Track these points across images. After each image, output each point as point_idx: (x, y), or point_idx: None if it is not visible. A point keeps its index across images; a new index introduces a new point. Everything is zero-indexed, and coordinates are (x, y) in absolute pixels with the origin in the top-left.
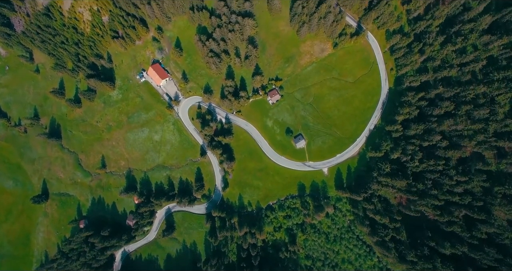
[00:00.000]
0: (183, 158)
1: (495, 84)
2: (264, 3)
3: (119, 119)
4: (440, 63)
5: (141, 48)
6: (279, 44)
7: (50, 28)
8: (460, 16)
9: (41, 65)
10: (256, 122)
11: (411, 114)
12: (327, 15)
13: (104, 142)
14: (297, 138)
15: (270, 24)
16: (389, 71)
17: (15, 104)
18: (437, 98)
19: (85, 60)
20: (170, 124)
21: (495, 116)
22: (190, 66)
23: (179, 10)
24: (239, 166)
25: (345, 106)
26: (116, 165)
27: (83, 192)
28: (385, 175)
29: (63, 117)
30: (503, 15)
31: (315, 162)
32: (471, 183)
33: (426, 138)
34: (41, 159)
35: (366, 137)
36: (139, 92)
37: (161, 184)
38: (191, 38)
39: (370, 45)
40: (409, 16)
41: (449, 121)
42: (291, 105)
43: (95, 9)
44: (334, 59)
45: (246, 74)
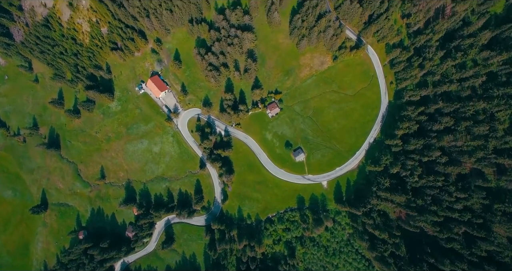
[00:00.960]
0: (183, 170)
1: (495, 101)
2: (264, 16)
3: (118, 131)
4: (440, 78)
5: (140, 59)
6: (279, 57)
7: (49, 38)
8: (460, 31)
9: (40, 75)
10: (255, 135)
11: (411, 129)
12: (327, 29)
13: (103, 152)
14: (296, 151)
15: (270, 36)
16: (389, 85)
17: (14, 114)
18: (437, 113)
19: (84, 71)
20: (169, 136)
21: (494, 133)
22: (189, 79)
23: (178, 22)
24: (238, 179)
25: (344, 119)
26: (115, 175)
27: (82, 203)
28: (385, 189)
29: (62, 127)
30: (503, 31)
31: (315, 175)
32: (470, 199)
33: (425, 153)
34: (40, 169)
35: (366, 150)
36: (138, 104)
37: (160, 196)
38: (190, 51)
39: (370, 58)
40: (409, 29)
41: (448, 137)
42: (291, 118)
43: (94, 20)
44: (333, 72)
45: (246, 87)
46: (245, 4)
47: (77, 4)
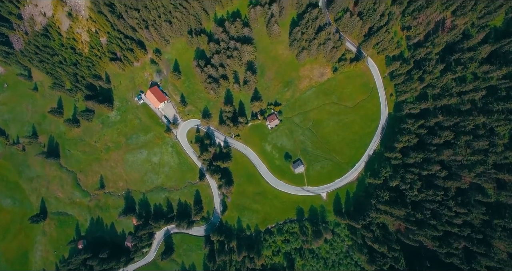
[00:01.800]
0: (182, 180)
1: (495, 116)
2: (263, 27)
3: (117, 140)
4: (440, 91)
5: (139, 69)
6: (278, 68)
7: (48, 48)
8: (460, 44)
9: (39, 83)
10: (254, 146)
11: (411, 142)
12: (327, 42)
13: (102, 162)
14: (295, 163)
15: (269, 48)
16: (389, 97)
17: (13, 122)
18: (436, 126)
19: (83, 81)
20: (169, 146)
21: (494, 148)
22: (188, 89)
23: (177, 33)
24: (237, 189)
25: (344, 131)
26: (114, 185)
27: (82, 212)
28: (384, 202)
29: (62, 136)
30: (502, 45)
31: (314, 186)
32: (470, 215)
33: (425, 166)
34: (40, 178)
35: (365, 162)
36: (138, 114)
37: (159, 206)
38: (189, 61)
39: (369, 70)
40: (409, 41)
41: (448, 151)
42: (290, 130)
43: (93, 30)
44: (333, 84)
45: (245, 98)
46: (244, 15)
47: (76, 14)
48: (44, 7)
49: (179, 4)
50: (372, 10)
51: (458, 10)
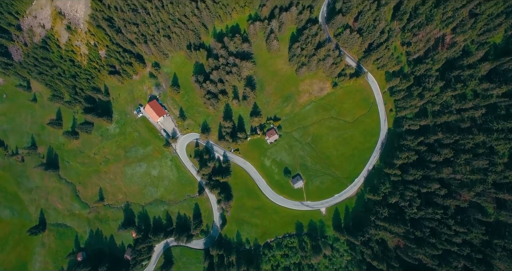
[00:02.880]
0: (181, 194)
1: (495, 135)
2: (263, 41)
3: (116, 153)
4: (440, 108)
5: (138, 83)
6: (278, 83)
7: (47, 60)
8: (460, 60)
9: (38, 94)
10: (254, 161)
11: (410, 159)
12: (326, 58)
13: (101, 174)
14: (295, 178)
15: (269, 62)
16: (389, 112)
17: (12, 133)
18: (436, 143)
19: (82, 93)
20: (168, 160)
21: (494, 167)
22: (187, 103)
23: (176, 47)
24: (237, 203)
25: (343, 146)
26: (114, 197)
27: (81, 224)
28: (383, 219)
29: (61, 147)
30: (502, 63)
31: (313, 201)
32: (470, 234)
33: (424, 184)
34: (39, 189)
35: (365, 177)
36: (137, 127)
37: (159, 219)
38: (188, 75)
39: (369, 85)
40: (409, 57)
41: (447, 170)
42: (290, 145)
43: (92, 43)
44: (333, 99)
45: (244, 113)
46: (243, 30)
47: (75, 27)
48: (43, 19)
49: (178, 20)
50: (372, 27)
51: (457, 28)
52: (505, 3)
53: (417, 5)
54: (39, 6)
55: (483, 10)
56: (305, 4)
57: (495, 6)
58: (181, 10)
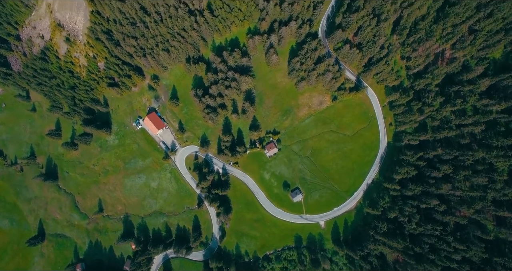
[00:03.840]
0: (181, 206)
1: (494, 152)
2: (262, 54)
3: (116, 164)
4: (439, 124)
5: (137, 94)
6: (277, 96)
7: (46, 71)
8: (460, 75)
9: (37, 104)
10: (253, 174)
11: (409, 174)
12: (326, 73)
13: (101, 185)
14: (294, 192)
15: (268, 75)
16: (388, 126)
17: (11, 142)
18: (436, 158)
19: (81, 104)
20: (167, 172)
21: (494, 185)
22: (186, 116)
23: (175, 60)
24: (236, 216)
25: (343, 160)
26: (113, 209)
27: (80, 235)
28: (382, 234)
29: (60, 157)
30: (501, 79)
31: (312, 215)
32: (469, 252)
33: (424, 199)
34: (38, 199)
35: (364, 191)
36: (136, 139)
37: (158, 230)
38: (187, 88)
39: (369, 99)
40: (409, 71)
41: (447, 186)
42: (289, 158)
43: (91, 55)
44: (332, 112)
45: (243, 126)
46: (243, 43)
47: (74, 39)
48: (42, 30)
49: (177, 33)
50: (371, 42)
51: (457, 43)
52: (504, 20)
53: (417, 20)
54: (38, 17)
55: (482, 27)
56: (304, 18)
57: (494, 23)
58: (180, 24)
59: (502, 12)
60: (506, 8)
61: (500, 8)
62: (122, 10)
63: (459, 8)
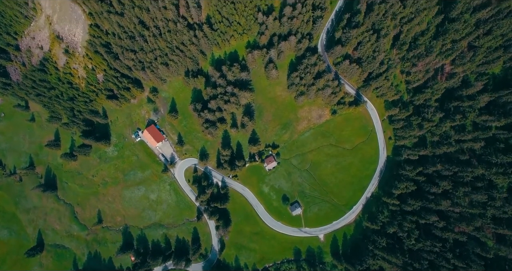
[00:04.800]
0: (180, 218)
1: (494, 169)
2: (261, 68)
3: (115, 176)
4: (439, 139)
5: (136, 107)
6: (276, 110)
7: (45, 82)
8: (459, 90)
9: (36, 114)
10: (252, 187)
11: (409, 189)
12: (325, 88)
13: (100, 196)
14: (293, 206)
15: (267, 89)
16: (387, 140)
17: (10, 152)
18: (435, 173)
19: (80, 116)
20: (166, 184)
21: (493, 202)
22: (185, 129)
23: (174, 73)
24: (235, 228)
25: (342, 173)
26: (112, 220)
27: (79, 245)
28: (381, 248)
29: (59, 167)
30: (500, 96)
31: (311, 228)
32: (469, 269)
33: (423, 215)
34: (37, 209)
35: (363, 204)
36: (135, 151)
37: (157, 242)
38: (186, 100)
39: (368, 113)
40: (409, 86)
41: (446, 202)
42: (288, 171)
43: (90, 67)
44: (332, 126)
45: (243, 139)
46: (242, 56)
47: (73, 51)
48: (41, 41)
49: (176, 47)
50: (371, 58)
51: (457, 59)
52: (503, 37)
53: (417, 35)
54: (37, 28)
55: (482, 43)
56: (304, 32)
57: (493, 39)
58: (179, 38)
59: (501, 29)
60: (505, 25)
61: (499, 25)
62: (121, 24)
63: (459, 25)
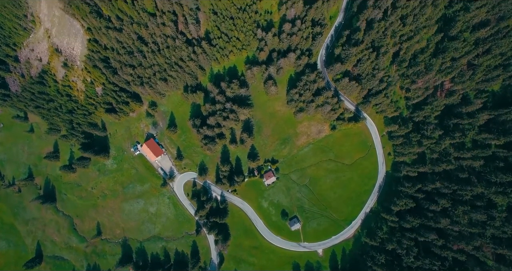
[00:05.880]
0: (179, 231)
1: (493, 188)
2: (261, 83)
3: (114, 189)
4: (438, 156)
5: (135, 120)
6: (276, 125)
7: (44, 94)
8: (459, 107)
9: (35, 125)
10: (251, 201)
11: (408, 206)
12: (325, 105)
13: (99, 208)
14: (292, 221)
15: (267, 104)
16: (387, 156)
17: (9, 163)
18: (434, 191)
19: (79, 128)
20: (166, 198)
21: (493, 222)
22: (184, 143)
23: (173, 88)
24: (234, 242)
25: (341, 189)
26: (111, 232)
27: (78, 257)
28: (380, 265)
29: (58, 179)
30: (500, 114)
31: (310, 243)
32: None
33: (422, 233)
34: (35, 220)
35: (362, 220)
36: (134, 164)
37: (157, 255)
38: (185, 115)
39: (368, 128)
40: (408, 102)
41: (445, 221)
42: (287, 186)
43: (89, 80)
44: (331, 141)
45: (242, 154)
46: (241, 71)
47: (72, 64)
48: (40, 53)
49: (175, 63)
50: (371, 75)
51: (456, 77)
52: (502, 56)
53: (416, 53)
54: (36, 40)
55: (481, 62)
56: (303, 48)
57: (492, 59)
58: (178, 54)
59: (500, 48)
60: (504, 45)
61: (498, 44)
62: (119, 39)
63: (458, 43)
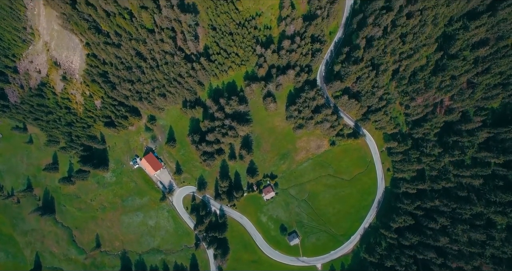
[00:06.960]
0: (178, 244)
1: (492, 207)
2: (260, 98)
3: (113, 201)
4: (438, 174)
5: (134, 133)
6: (275, 140)
7: (43, 106)
8: (458, 125)
9: (34, 136)
10: (250, 216)
11: (407, 223)
12: (324, 122)
13: (98, 221)
14: (291, 236)
15: (266, 119)
16: (386, 171)
17: (8, 174)
18: (433, 208)
19: (78, 140)
20: (165, 211)
21: (492, 242)
22: (183, 157)
23: (172, 103)
24: (233, 256)
25: (340, 204)
26: (110, 244)
27: (77, 269)
28: None
29: (57, 190)
30: (499, 133)
31: (309, 257)
32: None
33: (421, 250)
34: (34, 231)
35: (361, 235)
36: (133, 178)
37: (156, 267)
38: (184, 129)
39: (367, 144)
40: (408, 118)
41: (444, 239)
42: (286, 201)
43: (87, 94)
44: (330, 156)
45: (241, 169)
46: (240, 86)
47: (71, 78)
48: (39, 65)
49: (173, 79)
50: (370, 93)
51: (456, 96)
52: (501, 75)
53: (416, 70)
54: (35, 52)
55: (481, 81)
56: (302, 64)
57: (492, 78)
58: (176, 70)
59: (499, 67)
60: (503, 64)
61: (497, 64)
62: (118, 55)
63: (458, 62)
